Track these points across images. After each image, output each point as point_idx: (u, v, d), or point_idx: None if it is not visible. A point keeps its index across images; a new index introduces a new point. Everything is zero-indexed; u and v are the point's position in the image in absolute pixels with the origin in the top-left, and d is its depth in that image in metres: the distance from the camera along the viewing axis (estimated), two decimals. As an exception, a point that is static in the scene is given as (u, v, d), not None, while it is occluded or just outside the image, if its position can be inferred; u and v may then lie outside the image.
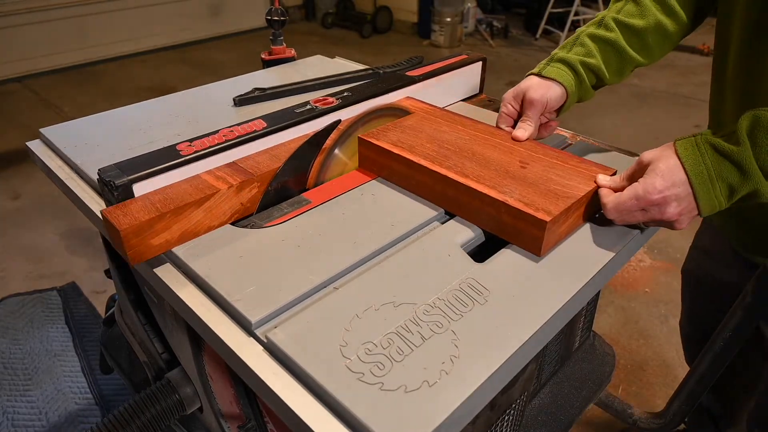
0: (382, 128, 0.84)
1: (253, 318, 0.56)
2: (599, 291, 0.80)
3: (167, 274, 0.66)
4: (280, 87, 1.08)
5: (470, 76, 1.11)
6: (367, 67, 1.17)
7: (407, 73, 1.01)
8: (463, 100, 1.12)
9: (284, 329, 0.55)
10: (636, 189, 0.66)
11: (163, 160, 0.71)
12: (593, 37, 0.88)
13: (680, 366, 1.80)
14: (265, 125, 0.80)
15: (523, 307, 0.58)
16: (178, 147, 0.74)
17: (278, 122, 0.81)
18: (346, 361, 0.51)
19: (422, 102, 0.97)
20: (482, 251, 0.69)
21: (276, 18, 1.23)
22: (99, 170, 0.68)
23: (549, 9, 5.10)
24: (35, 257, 2.33)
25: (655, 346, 1.90)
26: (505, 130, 0.87)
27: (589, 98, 0.92)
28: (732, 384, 1.12)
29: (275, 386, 0.51)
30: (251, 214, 0.76)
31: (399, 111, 0.92)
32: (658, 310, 2.05)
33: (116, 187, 0.66)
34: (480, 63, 1.11)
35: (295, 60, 1.31)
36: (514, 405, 0.80)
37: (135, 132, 0.95)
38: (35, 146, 0.95)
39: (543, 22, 5.23)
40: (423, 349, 0.53)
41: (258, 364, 0.54)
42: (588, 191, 0.70)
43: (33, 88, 4.11)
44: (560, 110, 0.90)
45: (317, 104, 0.87)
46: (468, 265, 0.64)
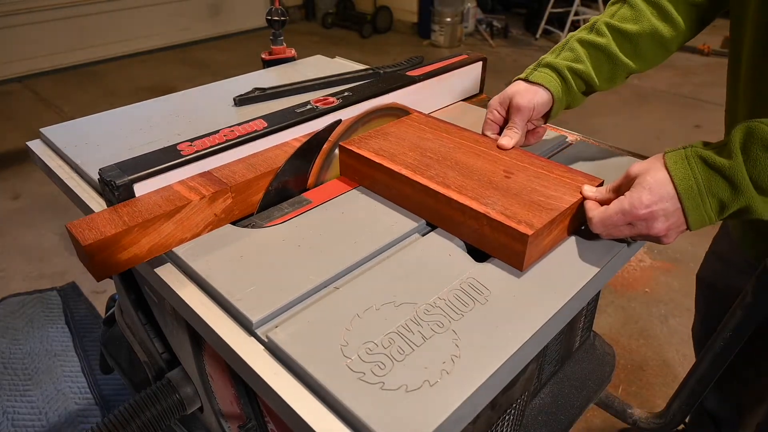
0: (364, 135, 0.82)
1: (254, 317, 0.56)
2: (599, 291, 0.80)
3: (168, 274, 0.66)
4: (280, 87, 1.08)
5: (470, 76, 1.11)
6: (367, 67, 1.17)
7: (407, 73, 1.01)
8: (463, 100, 1.12)
9: (285, 329, 0.55)
10: (622, 203, 0.64)
11: (164, 160, 0.71)
12: (583, 42, 0.86)
13: (680, 366, 1.80)
14: (266, 125, 0.80)
15: (524, 307, 0.58)
16: (179, 147, 0.74)
17: (279, 122, 0.81)
18: (347, 361, 0.51)
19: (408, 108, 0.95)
20: (482, 251, 0.69)
21: (276, 18, 1.23)
22: (100, 170, 0.68)
23: (549, 9, 5.11)
24: (35, 257, 2.33)
25: (655, 346, 1.90)
26: (491, 138, 0.85)
27: (578, 105, 0.89)
28: (744, 392, 1.11)
29: (276, 386, 0.51)
30: (252, 214, 0.76)
31: (399, 111, 0.92)
32: (658, 310, 2.05)
33: (117, 187, 0.66)
34: (480, 63, 1.11)
35: (295, 60, 1.31)
36: (515, 405, 0.80)
37: (135, 132, 0.95)
38: (35, 146, 0.95)
39: (543, 22, 5.23)
40: (424, 349, 0.53)
41: (259, 364, 0.54)
42: (573, 203, 0.68)
43: (33, 88, 4.11)
44: (547, 116, 0.87)
45: (318, 104, 0.87)
46: (468, 265, 0.64)
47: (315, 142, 0.81)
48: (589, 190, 0.70)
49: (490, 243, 0.66)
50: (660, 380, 1.78)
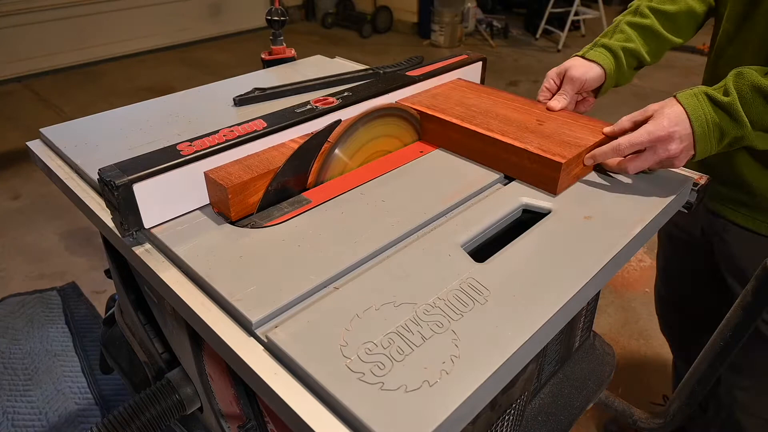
0: (414, 96, 0.97)
1: (254, 318, 0.56)
2: (599, 291, 0.81)
3: (168, 274, 0.66)
4: (280, 87, 1.08)
5: (470, 76, 1.11)
6: (367, 67, 1.17)
7: (407, 73, 1.01)
8: (464, 100, 1.12)
9: (285, 329, 0.55)
10: (647, 127, 0.76)
11: (164, 160, 0.70)
12: (631, 24, 0.98)
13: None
14: (266, 125, 0.80)
15: (524, 307, 0.58)
16: (179, 147, 0.74)
17: (278, 122, 0.81)
18: (347, 361, 0.51)
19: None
20: (482, 251, 0.69)
21: (276, 18, 1.23)
22: (99, 170, 0.68)
23: (549, 9, 5.10)
24: (35, 257, 2.33)
25: (655, 346, 1.90)
26: (532, 100, 0.96)
27: (626, 83, 1.02)
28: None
29: (276, 386, 0.51)
30: (252, 214, 0.76)
31: (400, 111, 0.92)
32: (658, 310, 2.05)
33: (116, 187, 0.66)
34: (480, 63, 1.11)
35: (295, 60, 1.31)
36: (515, 405, 0.80)
37: (135, 132, 0.95)
38: (35, 146, 0.95)
39: (543, 22, 5.23)
40: (423, 349, 0.53)
41: (258, 364, 0.54)
42: (596, 141, 0.82)
43: (33, 88, 4.11)
44: (597, 92, 0.99)
45: (317, 104, 0.87)
46: (468, 265, 0.64)
47: (315, 142, 0.81)
48: (609, 128, 0.84)
49: (529, 173, 0.80)
50: (660, 380, 1.78)
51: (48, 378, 1.76)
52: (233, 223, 0.73)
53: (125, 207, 0.67)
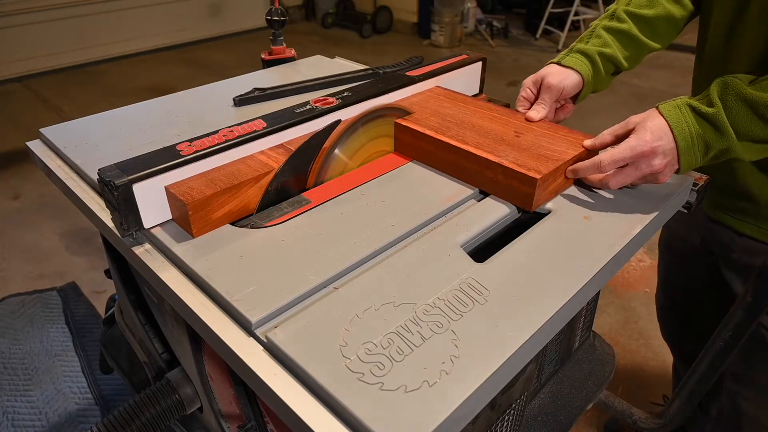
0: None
1: (253, 318, 0.56)
2: (599, 291, 0.81)
3: (167, 274, 0.66)
4: (280, 87, 1.08)
5: (470, 76, 1.11)
6: (367, 67, 1.17)
7: (407, 73, 1.01)
8: (463, 100, 1.12)
9: (284, 329, 0.55)
10: (629, 142, 0.73)
11: (164, 160, 0.70)
12: (608, 29, 0.96)
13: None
14: (265, 125, 0.80)
15: (523, 307, 0.58)
16: (178, 147, 0.74)
17: (278, 122, 0.81)
18: (346, 361, 0.51)
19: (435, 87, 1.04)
20: (482, 251, 0.69)
21: (276, 18, 1.23)
22: (99, 170, 0.68)
23: (549, 9, 5.10)
24: (35, 257, 2.33)
25: (655, 346, 1.90)
26: (511, 110, 0.93)
27: (603, 89, 1.00)
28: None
29: (275, 386, 0.51)
30: (251, 214, 0.76)
31: (399, 111, 0.92)
32: (658, 310, 2.05)
33: (116, 187, 0.66)
34: (480, 63, 1.11)
35: (295, 60, 1.31)
36: (514, 405, 0.80)
37: (135, 132, 0.95)
38: (35, 146, 0.95)
39: (543, 22, 5.23)
40: (423, 349, 0.53)
41: (258, 364, 0.54)
42: (575, 155, 0.79)
43: (33, 88, 4.11)
44: (576, 98, 0.96)
45: (317, 104, 0.87)
46: (468, 265, 0.64)
47: (314, 142, 0.81)
48: (589, 141, 0.81)
49: (504, 189, 0.77)
50: (660, 380, 1.78)
51: (48, 378, 1.76)
52: (233, 223, 0.73)
53: (125, 207, 0.68)
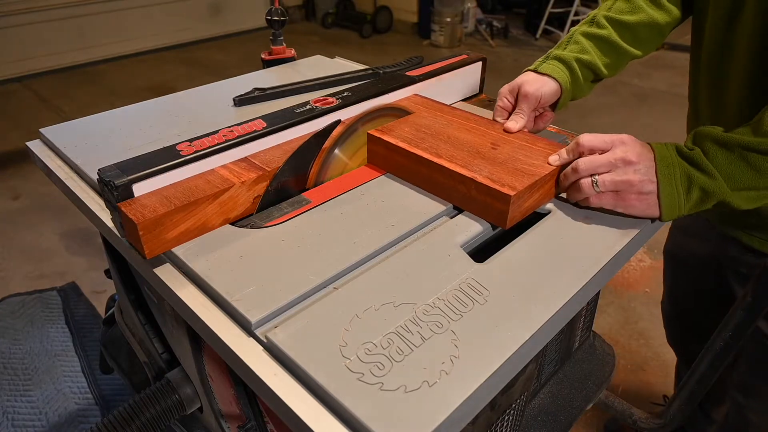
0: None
1: (253, 318, 0.56)
2: (599, 291, 0.81)
3: (167, 274, 0.66)
4: (280, 87, 1.08)
5: (470, 76, 1.11)
6: (367, 67, 1.17)
7: (407, 73, 1.01)
8: (464, 100, 1.12)
9: (284, 329, 0.55)
10: (610, 153, 0.70)
11: (163, 160, 0.71)
12: (586, 35, 0.93)
13: (680, 366, 1.80)
14: (265, 125, 0.80)
15: (523, 307, 0.58)
16: (178, 147, 0.74)
17: (278, 122, 0.81)
18: (346, 361, 0.51)
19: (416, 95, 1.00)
20: (482, 251, 0.69)
21: (276, 18, 1.23)
22: (99, 170, 0.68)
23: (549, 9, 5.10)
24: (35, 257, 2.33)
25: (655, 346, 1.90)
26: (486, 118, 0.90)
27: (583, 96, 0.96)
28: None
29: (275, 386, 0.51)
30: (251, 214, 0.76)
31: (399, 111, 0.92)
32: (658, 311, 2.04)
33: (116, 187, 0.66)
34: (480, 63, 1.11)
35: (295, 60, 1.31)
36: (514, 405, 0.80)
37: (135, 132, 0.95)
38: (35, 146, 0.95)
39: (543, 22, 5.23)
40: (423, 349, 0.53)
41: (258, 365, 0.54)
42: (552, 170, 0.75)
43: (33, 88, 4.11)
44: (554, 106, 0.93)
45: (317, 104, 0.87)
46: (468, 265, 0.64)
47: (314, 142, 0.81)
48: (554, 158, 0.76)
49: (478, 205, 0.73)
50: (660, 380, 1.78)
51: (48, 378, 1.76)
52: (233, 223, 0.73)
53: (125, 207, 0.67)
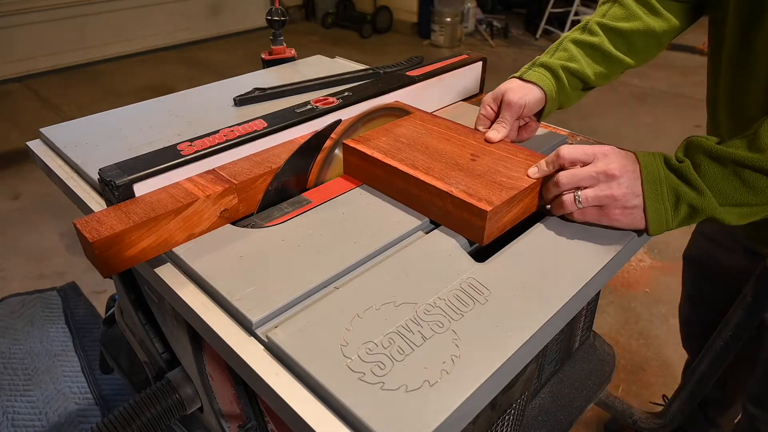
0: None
1: (254, 317, 0.56)
2: (599, 291, 0.81)
3: (168, 274, 0.66)
4: (281, 87, 1.08)
5: (470, 76, 1.11)
6: (367, 67, 1.17)
7: (407, 73, 1.01)
8: (464, 100, 1.12)
9: (285, 329, 0.55)
10: (591, 166, 0.67)
11: (164, 160, 0.71)
12: (576, 42, 0.89)
13: (680, 366, 1.80)
14: (266, 125, 0.80)
15: (524, 307, 0.58)
16: (179, 147, 0.74)
17: (279, 122, 0.81)
18: (347, 361, 0.51)
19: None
20: (483, 251, 0.69)
21: (276, 18, 1.23)
22: (100, 170, 0.68)
23: (549, 9, 5.11)
24: (35, 257, 2.33)
25: (655, 346, 1.90)
26: (467, 127, 0.87)
27: (571, 104, 0.92)
28: (730, 371, 1.13)
29: (276, 386, 0.51)
30: (251, 214, 0.76)
31: (399, 111, 0.92)
32: (658, 310, 2.05)
33: (117, 187, 0.66)
34: (480, 63, 1.11)
35: (295, 60, 1.31)
36: (515, 405, 0.80)
37: (135, 132, 0.95)
38: (35, 146, 0.95)
39: (543, 22, 5.23)
40: (424, 349, 0.53)
41: (259, 364, 0.54)
42: (533, 183, 0.72)
43: (33, 88, 4.11)
44: (540, 115, 0.89)
45: (318, 104, 0.87)
46: (468, 265, 0.64)
47: (315, 142, 0.81)
48: (533, 171, 0.73)
49: (454, 220, 0.70)
50: (660, 380, 1.78)
51: (48, 378, 1.76)
52: (234, 223, 0.73)
53: (125, 207, 0.67)
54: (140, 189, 0.68)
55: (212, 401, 0.89)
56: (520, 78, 0.87)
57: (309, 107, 0.86)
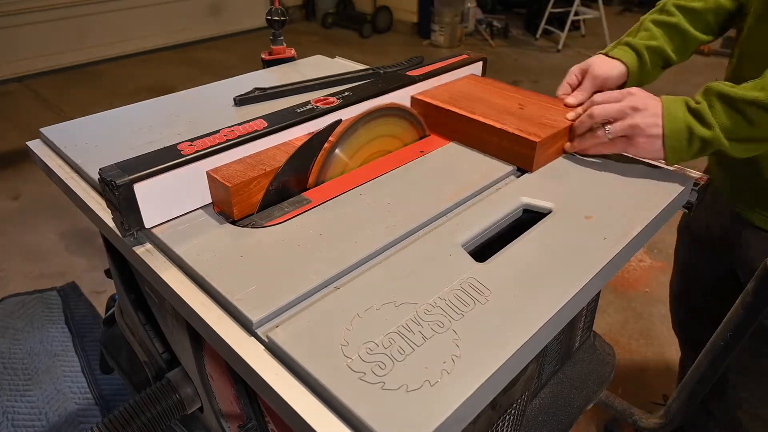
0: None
1: (254, 317, 0.56)
2: (600, 291, 0.81)
3: (168, 274, 0.66)
4: (281, 87, 1.08)
5: (471, 76, 1.11)
6: (367, 67, 1.17)
7: (407, 73, 1.01)
8: (464, 100, 1.12)
9: (285, 329, 0.55)
10: (621, 102, 0.79)
11: (164, 160, 0.70)
12: (656, 22, 0.98)
13: (680, 366, 1.80)
14: (266, 125, 0.80)
15: (524, 307, 0.58)
16: (179, 147, 0.74)
17: (279, 122, 0.81)
18: (348, 361, 0.51)
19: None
20: (483, 251, 0.69)
21: (276, 18, 1.23)
22: (100, 170, 0.68)
23: (549, 9, 5.10)
24: (35, 257, 2.33)
25: (655, 346, 1.90)
26: (559, 97, 0.97)
27: (649, 82, 1.00)
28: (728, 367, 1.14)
29: (276, 386, 0.51)
30: (252, 214, 0.76)
31: (399, 110, 0.92)
32: (658, 310, 2.05)
33: (117, 187, 0.66)
34: (480, 63, 1.11)
35: (295, 60, 1.31)
36: (515, 405, 0.80)
37: (135, 132, 0.95)
38: (35, 146, 0.95)
39: (543, 22, 5.23)
40: (424, 349, 0.53)
41: (259, 364, 0.54)
42: (570, 123, 0.87)
43: (33, 88, 4.11)
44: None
45: (318, 104, 0.87)
46: (469, 265, 0.64)
47: (315, 142, 0.81)
48: (572, 114, 0.88)
49: (507, 152, 0.86)
50: (660, 380, 1.78)
51: (48, 378, 1.76)
52: (234, 223, 0.73)
53: (126, 207, 0.67)
54: (140, 189, 0.68)
55: (212, 401, 0.89)
56: (606, 54, 0.97)
57: (309, 107, 0.86)
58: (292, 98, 1.07)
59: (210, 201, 0.77)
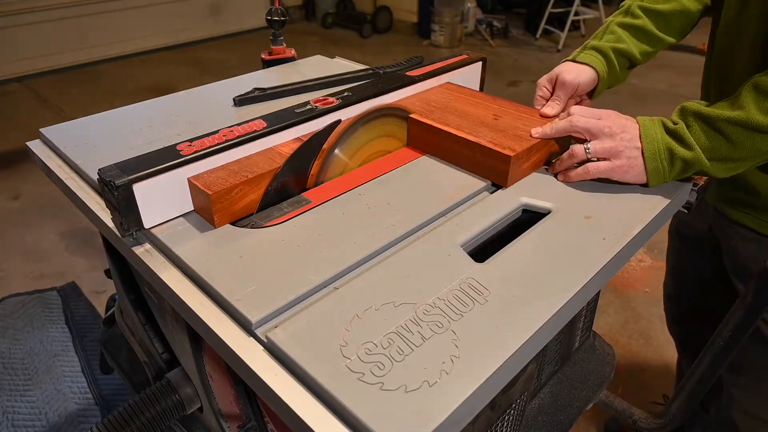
0: None
1: (254, 318, 0.56)
2: (599, 291, 0.81)
3: (167, 274, 0.66)
4: (280, 87, 1.08)
5: (470, 76, 1.11)
6: (367, 67, 1.17)
7: (407, 73, 1.01)
8: (463, 100, 1.12)
9: (285, 329, 0.55)
10: (599, 120, 0.78)
11: (164, 160, 0.70)
12: (622, 25, 0.98)
13: (680, 366, 1.80)
14: (266, 125, 0.80)
15: (524, 307, 0.58)
16: (179, 147, 0.74)
17: (278, 122, 0.81)
18: (347, 361, 0.51)
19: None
20: (482, 251, 0.69)
21: (276, 18, 1.23)
22: (99, 170, 0.68)
23: (549, 9, 5.10)
24: (35, 257, 2.33)
25: (655, 346, 1.90)
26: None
27: (619, 83, 1.01)
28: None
29: (276, 386, 0.51)
30: (251, 214, 0.76)
31: (400, 111, 0.92)
32: (658, 310, 2.05)
33: (116, 187, 0.66)
34: (480, 63, 1.11)
35: (295, 60, 1.31)
36: (515, 405, 0.80)
37: (135, 132, 0.95)
38: (35, 146, 0.95)
39: (543, 22, 5.23)
40: (423, 349, 0.53)
41: (258, 364, 0.54)
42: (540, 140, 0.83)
43: (33, 88, 4.11)
44: (592, 94, 0.98)
45: (317, 104, 0.87)
46: (468, 265, 0.64)
47: (315, 142, 0.81)
48: (540, 131, 0.84)
49: (481, 166, 0.82)
50: (660, 380, 1.78)
51: (48, 378, 1.76)
52: (233, 223, 0.73)
53: (125, 207, 0.68)
54: (140, 189, 0.68)
55: (212, 401, 0.89)
56: (573, 60, 0.96)
57: (309, 107, 0.86)
58: (292, 98, 1.07)
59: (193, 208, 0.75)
